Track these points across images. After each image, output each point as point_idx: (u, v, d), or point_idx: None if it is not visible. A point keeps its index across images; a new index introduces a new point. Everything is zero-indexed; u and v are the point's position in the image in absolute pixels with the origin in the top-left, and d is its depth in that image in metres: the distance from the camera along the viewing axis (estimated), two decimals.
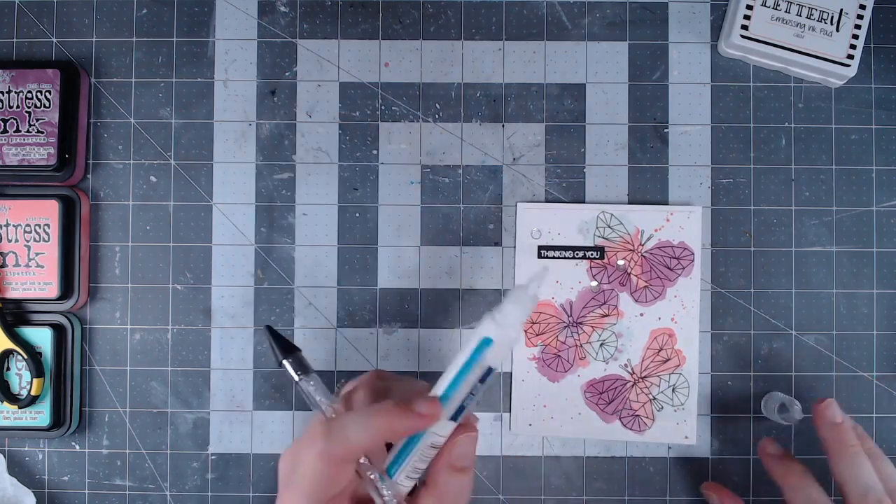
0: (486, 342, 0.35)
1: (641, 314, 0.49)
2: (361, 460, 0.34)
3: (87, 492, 0.49)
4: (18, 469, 0.49)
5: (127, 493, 0.49)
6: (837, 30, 0.47)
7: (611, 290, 0.49)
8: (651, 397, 0.48)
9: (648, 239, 0.49)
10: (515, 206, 0.49)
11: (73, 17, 0.50)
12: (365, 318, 0.50)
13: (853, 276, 0.49)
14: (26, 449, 0.49)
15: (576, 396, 0.49)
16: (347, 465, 0.34)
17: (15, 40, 0.50)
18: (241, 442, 0.49)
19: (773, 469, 0.44)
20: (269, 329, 0.38)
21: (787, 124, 0.50)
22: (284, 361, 0.37)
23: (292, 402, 0.49)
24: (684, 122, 0.50)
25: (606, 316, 0.49)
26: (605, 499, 0.49)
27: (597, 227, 0.49)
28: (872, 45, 0.50)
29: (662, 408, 0.48)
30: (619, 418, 0.48)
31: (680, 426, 0.48)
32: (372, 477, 0.34)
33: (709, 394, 0.49)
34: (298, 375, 0.36)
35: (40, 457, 0.49)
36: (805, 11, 0.47)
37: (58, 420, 0.47)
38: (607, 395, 0.49)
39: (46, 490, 0.49)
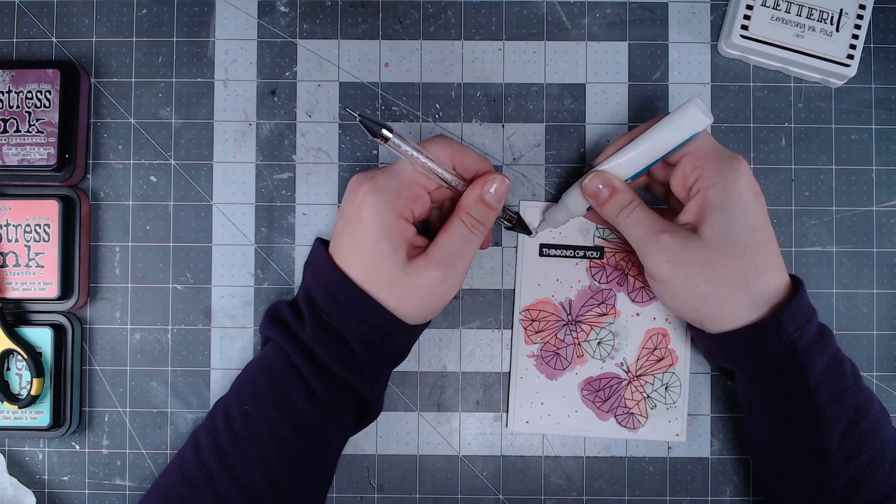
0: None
1: (637, 314, 0.49)
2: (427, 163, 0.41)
3: (87, 492, 0.49)
4: (18, 469, 0.49)
5: (127, 493, 0.49)
6: (837, 30, 0.47)
7: (609, 289, 0.49)
8: (645, 395, 0.49)
9: None
10: (518, 204, 0.49)
11: (73, 17, 0.50)
12: None
13: (853, 276, 0.49)
14: (26, 449, 0.49)
15: (573, 394, 0.49)
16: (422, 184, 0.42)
17: (15, 40, 0.50)
18: None
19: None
20: (362, 119, 0.39)
21: (787, 124, 0.50)
22: (385, 132, 0.39)
23: None
24: None
25: (604, 315, 0.49)
26: (605, 499, 0.49)
27: (597, 228, 0.49)
28: (872, 45, 0.50)
29: (655, 406, 0.49)
30: (615, 416, 0.49)
31: (672, 424, 0.48)
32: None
33: (708, 394, 0.49)
34: (396, 136, 0.40)
35: (40, 457, 0.49)
36: (805, 11, 0.47)
37: (58, 420, 0.47)
38: (603, 393, 0.49)
39: (46, 490, 0.49)
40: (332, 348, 0.41)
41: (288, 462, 0.40)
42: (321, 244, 0.43)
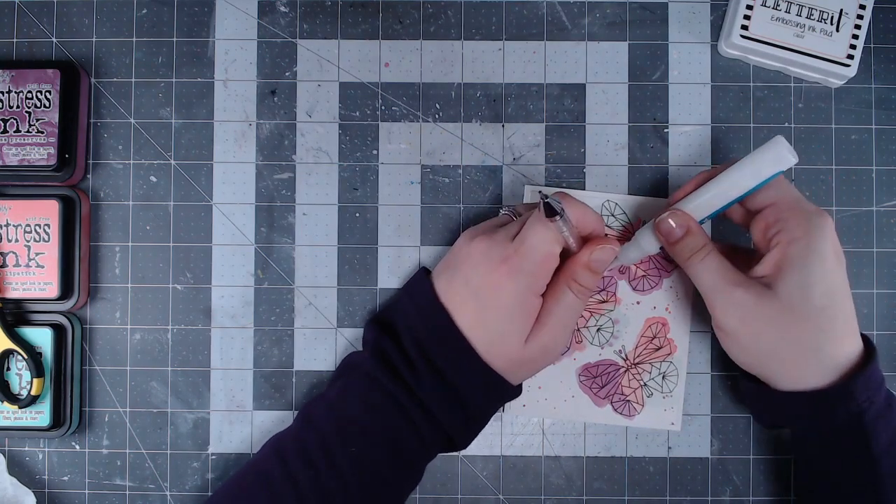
0: None
1: (638, 302, 0.49)
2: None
3: (87, 492, 0.49)
4: (18, 469, 0.49)
5: (127, 493, 0.49)
6: (837, 30, 0.47)
7: (610, 276, 0.49)
8: (642, 383, 0.49)
9: None
10: (524, 187, 0.49)
11: (73, 17, 0.50)
12: (365, 318, 0.50)
13: (853, 276, 0.49)
14: (26, 449, 0.49)
15: (570, 379, 0.49)
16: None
17: (15, 40, 0.50)
18: (241, 442, 0.49)
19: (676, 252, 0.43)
20: (546, 202, 0.38)
21: (787, 124, 0.50)
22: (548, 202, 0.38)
23: (292, 402, 0.49)
24: (684, 122, 0.50)
25: (604, 302, 0.49)
26: (605, 499, 0.49)
27: (601, 215, 0.49)
28: (872, 45, 0.50)
29: (652, 394, 0.49)
30: (611, 402, 0.49)
31: (667, 412, 0.49)
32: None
33: (709, 394, 0.49)
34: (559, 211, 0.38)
35: (40, 457, 0.49)
36: (805, 11, 0.47)
37: (58, 420, 0.47)
38: (601, 380, 0.49)
39: (46, 490, 0.49)
40: (449, 407, 0.41)
41: (390, 497, 0.42)
42: (431, 288, 0.43)
